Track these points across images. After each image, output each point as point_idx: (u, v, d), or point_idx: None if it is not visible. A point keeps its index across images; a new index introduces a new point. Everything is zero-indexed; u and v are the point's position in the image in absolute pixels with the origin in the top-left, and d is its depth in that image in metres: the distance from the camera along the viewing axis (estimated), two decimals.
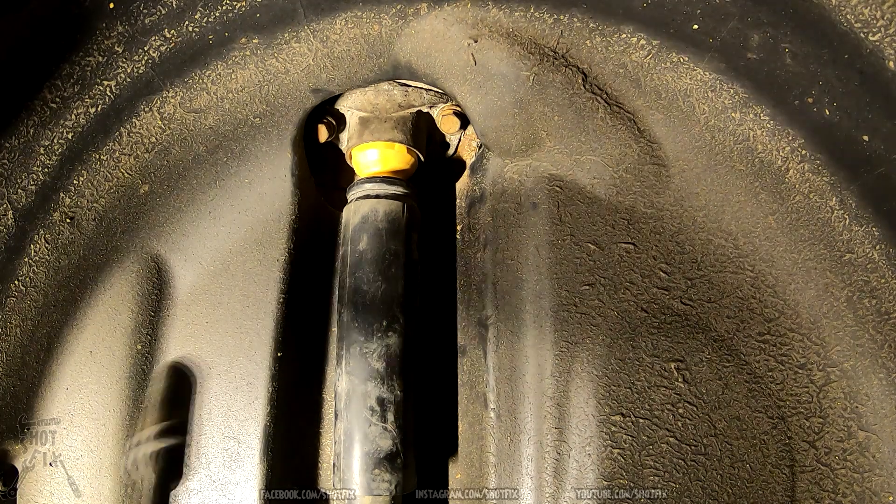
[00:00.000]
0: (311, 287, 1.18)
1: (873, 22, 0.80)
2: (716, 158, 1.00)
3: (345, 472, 1.01)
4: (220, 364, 1.09)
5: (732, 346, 0.98)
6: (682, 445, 0.95)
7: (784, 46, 0.87)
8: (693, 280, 1.01)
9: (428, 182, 1.26)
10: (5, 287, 1.01)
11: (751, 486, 0.94)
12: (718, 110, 0.97)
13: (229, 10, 0.95)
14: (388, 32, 1.00)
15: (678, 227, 1.03)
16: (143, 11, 0.92)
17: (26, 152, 0.97)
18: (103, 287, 1.11)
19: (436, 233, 1.23)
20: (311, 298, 1.17)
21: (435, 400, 1.14)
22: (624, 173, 1.05)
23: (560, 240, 1.04)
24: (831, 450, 0.95)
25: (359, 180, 1.16)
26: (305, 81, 1.07)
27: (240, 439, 1.05)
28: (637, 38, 0.95)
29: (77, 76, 0.95)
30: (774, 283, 0.99)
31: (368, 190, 1.14)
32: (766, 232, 0.99)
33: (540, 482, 0.97)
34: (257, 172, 1.14)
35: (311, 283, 1.18)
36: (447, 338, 1.16)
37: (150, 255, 1.14)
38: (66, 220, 1.05)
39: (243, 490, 1.04)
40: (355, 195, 1.15)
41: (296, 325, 1.12)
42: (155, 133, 1.06)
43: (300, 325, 1.14)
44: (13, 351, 1.04)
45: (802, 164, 0.95)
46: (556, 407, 0.98)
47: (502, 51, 0.98)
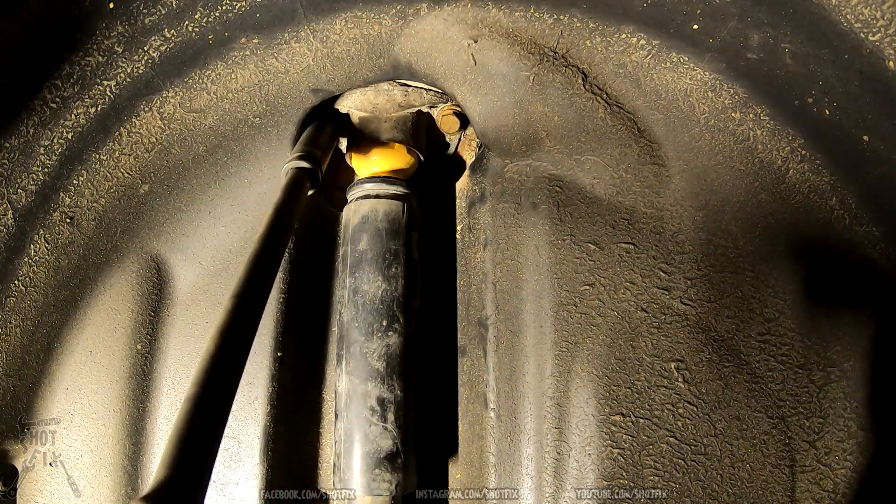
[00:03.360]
0: (310, 287, 1.18)
1: (873, 22, 0.80)
2: (716, 158, 1.00)
3: (345, 472, 1.01)
4: None
5: (732, 346, 0.98)
6: (682, 445, 0.95)
7: (784, 46, 0.87)
8: (693, 280, 1.01)
9: (428, 182, 1.26)
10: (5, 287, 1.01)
11: (751, 486, 0.94)
12: (718, 110, 0.97)
13: (229, 10, 0.95)
14: (388, 32, 1.00)
15: (678, 227, 1.03)
16: (143, 11, 0.92)
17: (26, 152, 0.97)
18: (103, 287, 1.11)
19: (436, 233, 1.23)
20: (310, 298, 1.17)
21: (435, 400, 1.14)
22: (624, 173, 1.04)
23: (560, 240, 1.04)
24: (831, 450, 0.95)
25: (359, 180, 1.16)
26: (305, 81, 1.07)
27: (240, 439, 1.05)
28: (637, 38, 0.94)
29: (77, 76, 0.95)
30: (774, 283, 0.99)
31: (368, 190, 1.14)
32: (765, 232, 0.99)
33: (540, 482, 0.97)
34: (257, 172, 1.14)
35: (311, 282, 1.18)
36: (447, 338, 1.16)
37: (150, 255, 1.14)
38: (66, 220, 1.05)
39: (243, 490, 1.04)
40: (355, 195, 1.15)
41: (296, 325, 1.12)
42: (155, 133, 1.06)
43: (300, 325, 1.14)
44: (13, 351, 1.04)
45: (802, 164, 0.95)
46: (556, 407, 0.98)
47: (502, 51, 0.98)
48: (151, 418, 1.10)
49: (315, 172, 0.96)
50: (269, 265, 0.73)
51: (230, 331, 0.62)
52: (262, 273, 0.71)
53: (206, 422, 0.55)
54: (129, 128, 1.04)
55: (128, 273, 1.12)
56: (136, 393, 1.10)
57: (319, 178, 0.97)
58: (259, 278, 0.70)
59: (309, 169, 0.95)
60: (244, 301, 0.66)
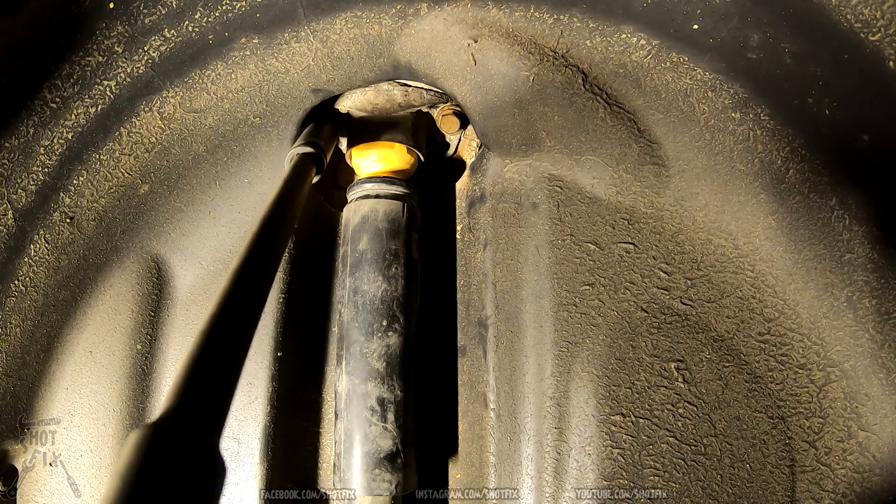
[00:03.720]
0: (310, 287, 1.18)
1: (873, 22, 0.80)
2: (716, 158, 1.00)
3: (345, 471, 1.01)
4: None
5: (732, 346, 0.98)
6: (682, 445, 0.95)
7: (784, 46, 0.87)
8: (693, 280, 1.01)
9: (428, 182, 1.26)
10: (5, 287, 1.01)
11: (751, 486, 0.94)
12: (718, 110, 0.97)
13: (229, 10, 0.95)
14: (388, 32, 1.00)
15: (678, 227, 1.03)
16: (143, 11, 0.92)
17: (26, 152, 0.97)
18: (103, 287, 1.11)
19: (436, 233, 1.23)
20: (311, 298, 1.17)
21: (435, 400, 1.14)
22: (624, 173, 1.04)
23: (560, 240, 1.04)
24: (831, 450, 0.95)
25: (359, 180, 1.16)
26: (305, 81, 1.07)
27: (240, 439, 1.05)
28: (637, 38, 0.94)
29: (77, 76, 0.95)
30: (774, 283, 0.99)
31: (368, 190, 1.14)
32: (766, 232, 0.99)
33: (540, 482, 0.97)
34: (257, 172, 1.14)
35: (311, 282, 1.18)
36: (447, 338, 1.16)
37: (150, 255, 1.14)
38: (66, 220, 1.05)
39: (243, 490, 1.04)
40: (355, 195, 1.15)
41: (296, 325, 1.12)
42: (155, 133, 1.06)
43: (300, 325, 1.14)
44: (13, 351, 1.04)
45: (802, 164, 0.94)
46: (556, 407, 0.98)
47: (502, 51, 0.98)
48: (151, 418, 1.10)
49: (319, 157, 0.95)
50: (280, 232, 0.70)
51: (247, 272, 0.59)
52: (273, 237, 0.68)
53: (222, 355, 0.50)
54: (129, 128, 1.04)
55: (128, 273, 1.12)
56: (136, 393, 1.10)
57: (324, 164, 0.97)
58: (270, 238, 0.67)
59: (313, 153, 0.95)
60: (259, 248, 0.63)
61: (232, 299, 0.56)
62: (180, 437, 0.41)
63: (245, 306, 0.57)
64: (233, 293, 0.57)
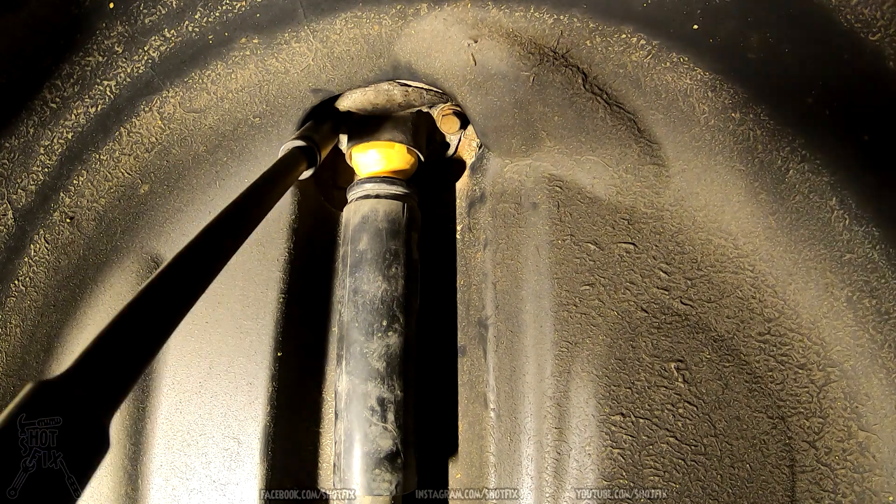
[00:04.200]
0: (311, 287, 1.18)
1: (873, 22, 0.80)
2: (716, 158, 1.00)
3: (345, 471, 1.01)
4: (220, 364, 1.09)
5: (732, 346, 0.98)
6: (682, 445, 0.95)
7: (784, 46, 0.87)
8: (693, 280, 1.01)
9: (428, 182, 1.26)
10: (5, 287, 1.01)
11: (751, 486, 0.94)
12: (718, 110, 0.97)
13: (229, 10, 0.95)
14: (388, 32, 1.00)
15: (678, 227, 1.03)
16: (143, 11, 0.92)
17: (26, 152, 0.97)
18: (103, 287, 1.11)
19: (436, 233, 1.23)
20: (310, 298, 1.17)
21: (435, 400, 1.14)
22: (624, 173, 1.05)
23: (560, 240, 1.04)
24: (831, 450, 0.95)
25: (359, 180, 1.16)
26: (305, 81, 1.07)
27: (240, 439, 1.05)
28: (637, 38, 0.94)
29: (77, 76, 0.95)
30: (774, 283, 0.99)
31: (368, 190, 1.14)
32: (766, 232, 0.99)
33: (540, 482, 0.97)
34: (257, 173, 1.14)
35: (311, 282, 1.18)
36: (447, 338, 1.16)
37: (150, 255, 1.14)
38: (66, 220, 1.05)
39: (243, 490, 1.04)
40: (355, 195, 1.15)
41: (296, 324, 1.12)
42: (155, 133, 1.06)
43: (300, 324, 1.14)
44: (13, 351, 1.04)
45: (802, 164, 0.94)
46: (556, 407, 0.98)
47: (502, 51, 0.98)
48: (151, 418, 1.10)
49: (312, 151, 0.94)
50: (249, 213, 0.70)
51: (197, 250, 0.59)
52: (240, 217, 0.68)
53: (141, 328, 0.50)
54: (129, 128, 1.04)
55: (128, 273, 1.12)
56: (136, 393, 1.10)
57: (318, 158, 0.95)
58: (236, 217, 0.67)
59: (305, 147, 0.93)
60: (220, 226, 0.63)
61: (169, 275, 0.56)
62: (62, 397, 0.41)
63: (181, 285, 0.57)
64: (173, 269, 0.56)
